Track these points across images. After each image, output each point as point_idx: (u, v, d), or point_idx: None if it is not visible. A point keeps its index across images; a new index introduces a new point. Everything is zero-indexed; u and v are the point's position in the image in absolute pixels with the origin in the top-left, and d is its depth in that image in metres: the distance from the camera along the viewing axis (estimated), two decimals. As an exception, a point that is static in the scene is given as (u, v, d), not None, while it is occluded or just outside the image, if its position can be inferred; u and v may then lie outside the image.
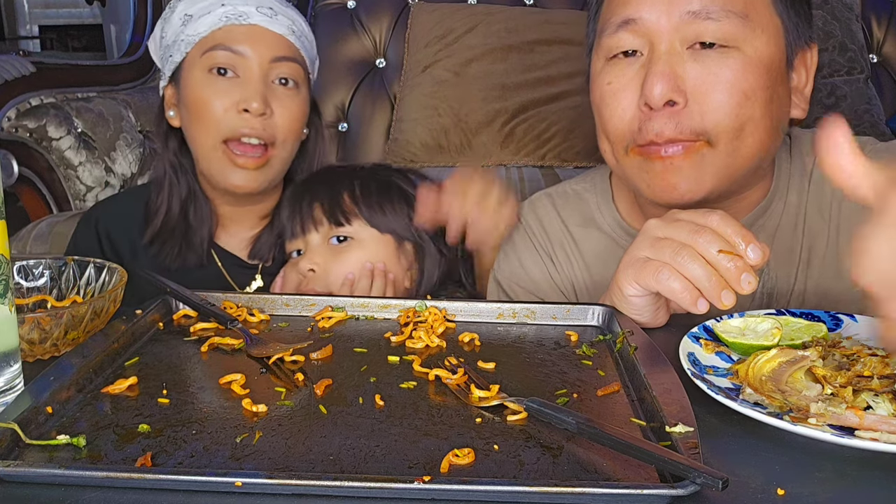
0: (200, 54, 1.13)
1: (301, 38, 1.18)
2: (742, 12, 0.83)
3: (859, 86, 1.99)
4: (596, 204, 1.05)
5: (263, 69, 1.12)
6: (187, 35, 1.14)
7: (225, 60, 1.11)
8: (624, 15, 0.87)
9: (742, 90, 0.83)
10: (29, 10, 5.81)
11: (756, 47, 0.84)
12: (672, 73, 0.84)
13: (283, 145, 1.15)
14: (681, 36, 0.84)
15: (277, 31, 1.14)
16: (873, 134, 1.91)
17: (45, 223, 1.57)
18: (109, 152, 1.86)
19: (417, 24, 2.13)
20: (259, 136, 1.11)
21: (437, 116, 1.99)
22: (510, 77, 1.99)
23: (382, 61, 2.22)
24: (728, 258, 0.70)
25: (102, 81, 2.06)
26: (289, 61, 1.15)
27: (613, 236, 1.02)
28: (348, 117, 2.20)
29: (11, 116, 1.77)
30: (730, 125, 0.84)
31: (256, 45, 1.12)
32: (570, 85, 1.98)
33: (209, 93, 1.12)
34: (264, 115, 1.11)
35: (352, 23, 2.22)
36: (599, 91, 0.91)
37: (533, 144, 1.95)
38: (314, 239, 1.13)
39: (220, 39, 1.12)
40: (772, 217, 0.94)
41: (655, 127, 0.85)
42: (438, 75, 2.03)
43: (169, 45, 1.18)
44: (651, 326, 0.81)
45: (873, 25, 2.18)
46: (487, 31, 2.04)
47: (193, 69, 1.14)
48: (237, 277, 1.22)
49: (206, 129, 1.12)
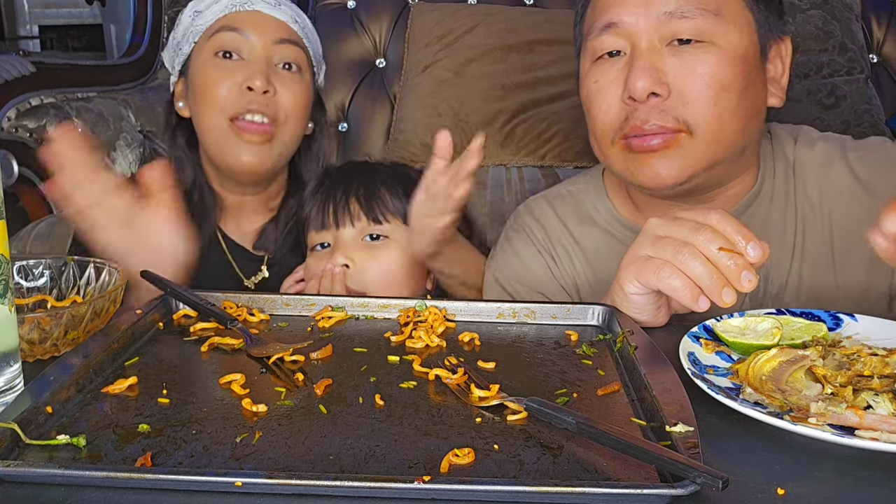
0: (207, 39, 1.17)
1: (304, 28, 1.22)
2: (715, 9, 0.89)
3: (859, 86, 1.98)
4: (592, 203, 1.07)
5: (267, 51, 1.16)
6: (195, 27, 1.19)
7: (229, 42, 1.15)
8: (606, 19, 0.93)
9: (719, 81, 0.89)
10: (29, 9, 5.81)
11: (730, 41, 0.89)
12: (653, 67, 0.89)
13: (286, 124, 1.17)
14: (659, 34, 0.90)
15: (280, 17, 1.18)
16: (873, 134, 1.91)
17: (45, 223, 1.56)
18: (109, 152, 1.86)
19: (417, 24, 2.13)
20: (263, 113, 1.13)
21: (437, 116, 1.99)
22: (510, 77, 1.98)
23: (382, 61, 2.22)
24: (728, 256, 0.71)
25: (102, 81, 2.05)
26: (291, 44, 1.18)
27: (612, 231, 1.04)
28: (348, 117, 2.20)
29: (11, 116, 1.77)
30: (709, 114, 0.89)
31: (259, 29, 1.16)
32: (571, 85, 1.96)
33: (215, 75, 1.15)
34: (267, 92, 1.13)
35: (352, 23, 2.22)
36: (587, 90, 0.98)
37: (533, 144, 1.95)
38: (348, 233, 1.11)
39: (225, 23, 1.17)
40: (761, 206, 0.97)
41: (641, 115, 0.90)
42: (438, 75, 2.03)
43: (179, 41, 1.22)
44: (652, 326, 0.81)
45: (873, 25, 2.17)
46: (487, 31, 2.04)
47: (200, 54, 1.18)
48: (243, 268, 1.23)
49: (213, 110, 1.15)
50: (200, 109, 1.17)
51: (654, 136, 0.90)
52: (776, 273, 0.96)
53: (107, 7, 4.55)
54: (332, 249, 1.11)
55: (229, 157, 1.16)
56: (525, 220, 1.11)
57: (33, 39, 5.76)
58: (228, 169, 1.18)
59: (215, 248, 1.24)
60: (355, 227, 1.11)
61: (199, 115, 1.18)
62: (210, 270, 1.19)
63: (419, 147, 1.99)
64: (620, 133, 0.93)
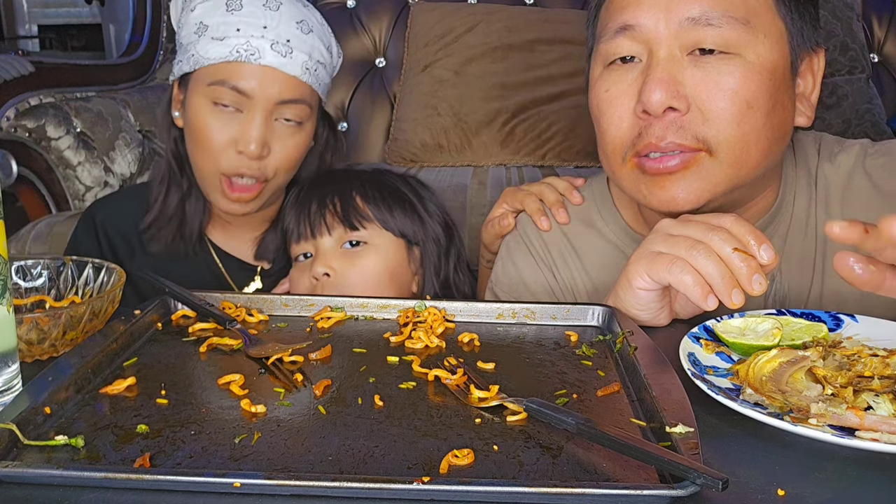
0: (206, 84, 1.09)
1: (316, 72, 1.13)
2: (743, 18, 0.81)
3: (860, 85, 1.98)
4: (597, 210, 1.03)
5: (268, 110, 1.09)
6: (198, 52, 1.10)
7: (229, 98, 1.08)
8: (622, 21, 0.85)
9: (744, 98, 0.81)
10: (28, 9, 5.80)
11: (759, 53, 0.82)
12: (671, 79, 0.81)
13: (278, 177, 1.14)
14: (680, 42, 0.82)
15: (290, 72, 1.09)
16: (874, 133, 1.91)
17: (44, 223, 1.56)
18: (108, 152, 1.86)
19: (417, 23, 2.13)
20: (254, 177, 1.11)
21: (437, 116, 1.99)
22: (510, 77, 1.98)
23: (382, 61, 2.22)
24: (741, 258, 0.71)
25: (101, 81, 2.05)
26: (296, 104, 1.11)
27: (617, 243, 1.00)
28: (348, 117, 2.20)
29: (10, 116, 1.76)
30: (732, 134, 0.82)
31: (264, 87, 1.08)
32: (570, 85, 1.98)
33: (210, 125, 1.09)
34: (261, 157, 1.09)
35: (352, 22, 2.22)
36: (597, 98, 0.89)
37: (533, 144, 1.95)
38: (326, 242, 1.11)
39: (228, 75, 1.08)
40: (781, 224, 0.93)
41: (656, 132, 0.82)
42: (438, 75, 2.03)
43: (182, 45, 1.16)
44: (652, 325, 0.81)
45: (874, 25, 2.17)
46: (487, 31, 2.04)
47: (198, 95, 1.11)
48: (236, 279, 1.23)
49: (205, 158, 1.11)
50: (193, 149, 1.13)
51: (670, 156, 0.83)
52: (796, 291, 0.92)
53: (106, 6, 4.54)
54: (313, 259, 1.12)
55: (214, 202, 1.15)
56: (525, 229, 1.07)
57: (32, 39, 5.76)
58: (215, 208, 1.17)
59: (206, 258, 1.23)
60: (332, 235, 1.11)
61: (191, 153, 1.15)
62: (200, 281, 1.18)
63: (419, 147, 1.99)
64: (633, 150, 0.85)
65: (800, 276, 0.92)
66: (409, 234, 1.15)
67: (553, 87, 1.98)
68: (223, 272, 1.23)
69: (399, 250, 1.14)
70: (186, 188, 1.20)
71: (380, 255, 1.11)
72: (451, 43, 2.04)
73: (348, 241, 1.11)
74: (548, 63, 2.00)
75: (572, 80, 1.97)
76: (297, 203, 1.16)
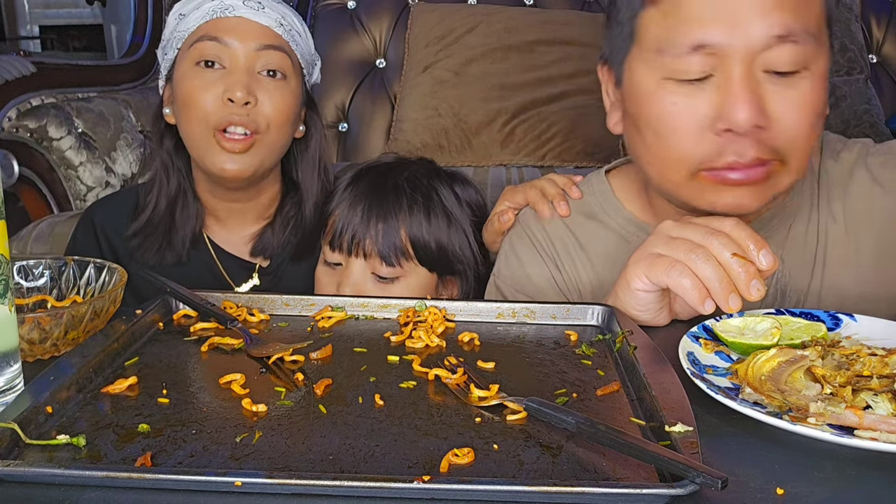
0: (188, 47, 1.15)
1: (291, 31, 1.19)
2: (816, 32, 0.81)
3: (859, 86, 1.99)
4: (599, 205, 1.04)
5: (249, 59, 1.14)
6: (179, 32, 1.17)
7: (210, 51, 1.13)
8: (696, 38, 0.80)
9: (815, 109, 0.82)
10: (29, 10, 5.81)
11: (820, 65, 0.82)
12: (755, 97, 0.79)
13: (268, 133, 1.15)
14: (761, 60, 0.80)
15: (263, 22, 1.15)
16: (873, 134, 1.91)
17: (45, 223, 1.57)
18: (110, 152, 1.86)
19: (417, 24, 2.13)
20: (244, 125, 1.12)
21: (437, 116, 1.99)
22: (510, 77, 1.99)
23: (382, 61, 2.22)
24: (740, 263, 0.72)
25: (103, 81, 2.06)
26: (274, 49, 1.15)
27: (622, 233, 1.01)
28: (348, 117, 2.20)
29: (12, 116, 1.77)
30: (805, 144, 0.83)
31: (241, 36, 1.14)
32: (571, 85, 1.98)
33: (197, 85, 1.13)
34: (248, 104, 1.12)
35: (352, 23, 2.23)
36: (660, 111, 0.84)
37: (533, 144, 1.95)
38: (358, 265, 1.12)
39: (206, 31, 1.14)
40: (786, 216, 0.94)
41: (738, 149, 0.81)
42: (438, 75, 2.03)
43: (165, 45, 1.20)
44: (651, 325, 0.81)
45: (873, 26, 2.18)
46: (487, 31, 2.04)
47: (183, 62, 1.16)
48: (234, 276, 1.23)
49: (196, 120, 1.14)
50: (184, 119, 1.16)
51: (752, 169, 0.82)
52: (796, 283, 0.93)
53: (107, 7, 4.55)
54: (342, 277, 1.13)
55: (211, 165, 1.15)
56: (529, 224, 1.08)
57: (34, 39, 5.77)
58: (212, 175, 1.17)
59: (203, 255, 1.23)
60: (367, 262, 1.12)
61: (183, 125, 1.17)
62: (198, 279, 1.18)
63: (419, 147, 1.99)
64: (706, 165, 0.83)
65: (801, 268, 0.94)
66: (443, 271, 1.16)
67: (553, 88, 1.98)
68: (221, 270, 1.23)
69: (429, 282, 1.15)
70: (175, 191, 1.20)
71: (409, 288, 1.12)
72: (451, 44, 2.05)
73: (379, 275, 1.11)
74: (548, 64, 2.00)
75: (572, 80, 1.97)
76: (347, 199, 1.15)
